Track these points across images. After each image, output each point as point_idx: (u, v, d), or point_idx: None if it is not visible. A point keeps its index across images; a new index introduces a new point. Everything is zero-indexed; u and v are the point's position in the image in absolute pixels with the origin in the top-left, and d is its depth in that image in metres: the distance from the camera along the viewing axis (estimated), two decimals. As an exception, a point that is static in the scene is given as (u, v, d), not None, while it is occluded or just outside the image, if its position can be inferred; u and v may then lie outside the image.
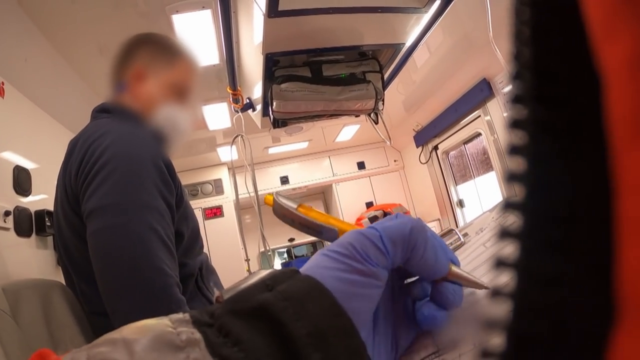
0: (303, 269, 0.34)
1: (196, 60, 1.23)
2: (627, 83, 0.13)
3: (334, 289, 0.30)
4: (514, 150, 0.16)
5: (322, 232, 0.41)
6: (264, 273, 0.32)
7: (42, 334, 0.94)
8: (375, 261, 0.32)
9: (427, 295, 0.37)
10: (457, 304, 0.36)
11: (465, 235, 0.51)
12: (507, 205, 0.17)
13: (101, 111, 1.15)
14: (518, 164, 0.16)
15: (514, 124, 0.16)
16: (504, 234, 0.16)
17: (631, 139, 0.13)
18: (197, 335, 0.26)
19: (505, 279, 0.16)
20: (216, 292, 0.31)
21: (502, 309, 0.16)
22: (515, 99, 0.16)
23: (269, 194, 0.46)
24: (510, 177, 0.16)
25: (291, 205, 0.43)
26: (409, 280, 0.38)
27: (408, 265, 0.35)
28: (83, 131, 1.09)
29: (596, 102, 0.14)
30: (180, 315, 0.28)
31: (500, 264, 0.16)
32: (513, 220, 0.16)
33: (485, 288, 0.36)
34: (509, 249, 0.16)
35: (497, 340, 0.16)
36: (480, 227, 0.50)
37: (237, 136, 1.97)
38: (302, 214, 0.42)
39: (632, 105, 0.13)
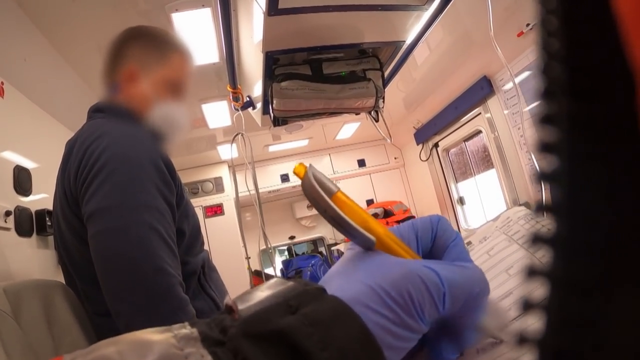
0: (338, 291, 0.30)
1: (189, 52, 1.21)
2: None
3: (375, 337, 0.28)
4: (545, 148, 0.15)
5: (355, 237, 0.34)
6: (285, 287, 0.30)
7: (44, 335, 0.93)
8: (427, 318, 0.30)
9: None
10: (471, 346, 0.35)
11: (469, 244, 0.51)
12: (542, 208, 0.16)
13: (97, 111, 1.15)
14: (550, 162, 0.15)
15: (546, 120, 0.15)
16: (537, 239, 0.15)
17: None
18: (208, 358, 0.24)
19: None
20: (227, 299, 0.29)
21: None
22: (545, 93, 0.15)
23: (301, 163, 0.36)
24: (542, 177, 0.15)
25: (326, 188, 0.35)
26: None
27: (448, 317, 0.32)
28: (80, 132, 1.08)
29: (632, 98, 0.13)
30: (187, 331, 0.26)
31: (532, 272, 0.15)
32: (546, 225, 0.15)
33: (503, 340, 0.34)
34: (540, 255, 0.15)
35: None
36: (483, 235, 0.49)
37: (237, 134, 1.96)
38: (335, 206, 0.33)
39: None
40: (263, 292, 0.29)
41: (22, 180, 1.80)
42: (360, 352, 0.26)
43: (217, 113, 3.23)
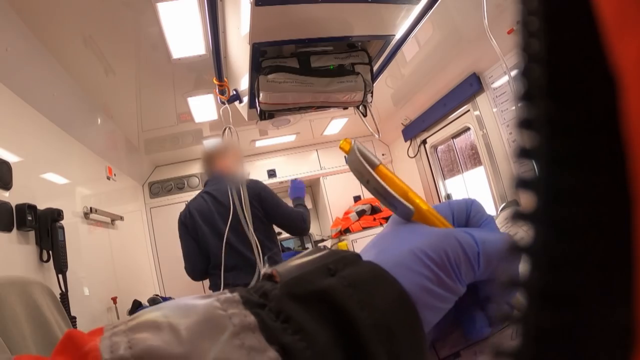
0: (378, 258, 0.31)
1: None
2: None
3: (415, 297, 0.29)
4: (524, 153, 0.15)
5: (397, 207, 0.36)
6: (322, 253, 0.31)
7: (24, 332, 0.90)
8: (464, 279, 0.31)
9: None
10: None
11: None
12: (518, 216, 0.15)
13: None
14: (529, 168, 0.15)
15: (524, 124, 0.15)
16: (515, 250, 0.15)
17: None
18: (251, 318, 0.24)
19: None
20: (266, 268, 0.30)
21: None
22: (525, 96, 0.15)
23: (347, 139, 0.39)
24: (520, 183, 0.15)
25: (370, 161, 0.37)
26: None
27: (484, 280, 0.33)
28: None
29: (614, 101, 0.13)
30: (228, 295, 0.27)
31: (512, 282, 0.15)
32: (523, 233, 0.15)
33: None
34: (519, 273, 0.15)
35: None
36: None
37: (226, 128, 1.93)
38: (379, 178, 0.36)
39: None
40: (302, 259, 0.30)
41: (2, 174, 1.75)
42: (397, 312, 0.27)
43: (203, 107, 3.20)
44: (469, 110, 3.28)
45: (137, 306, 3.18)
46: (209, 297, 0.26)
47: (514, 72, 2.56)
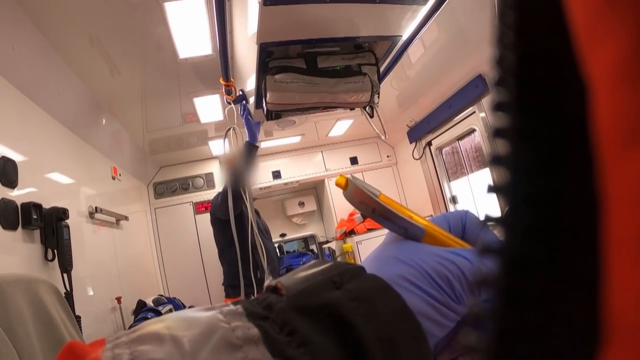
0: (381, 271, 0.32)
1: None
2: (612, 92, 0.12)
3: (418, 312, 0.29)
4: (496, 160, 0.15)
5: (407, 229, 0.37)
6: (327, 266, 0.31)
7: (29, 332, 0.90)
8: (466, 302, 0.32)
9: None
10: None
11: None
12: (489, 219, 0.16)
13: None
14: (501, 175, 0.15)
15: (496, 133, 0.15)
16: (485, 251, 0.15)
17: (618, 151, 0.12)
18: (254, 331, 0.24)
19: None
20: (270, 280, 0.30)
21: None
22: (498, 107, 0.15)
23: (342, 175, 0.41)
24: (492, 190, 0.16)
25: (373, 192, 0.39)
26: None
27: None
28: None
29: (584, 110, 0.13)
30: (231, 307, 0.27)
31: (481, 282, 0.15)
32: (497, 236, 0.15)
33: None
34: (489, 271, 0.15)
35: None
36: None
37: (229, 128, 1.93)
38: (386, 204, 0.38)
39: (617, 116, 0.12)
40: (306, 271, 0.31)
41: (7, 172, 1.76)
42: (401, 327, 0.27)
43: (209, 107, 3.20)
44: (474, 112, 3.27)
45: (141, 306, 3.18)
46: (212, 309, 0.26)
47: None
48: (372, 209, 0.38)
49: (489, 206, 3.39)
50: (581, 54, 0.13)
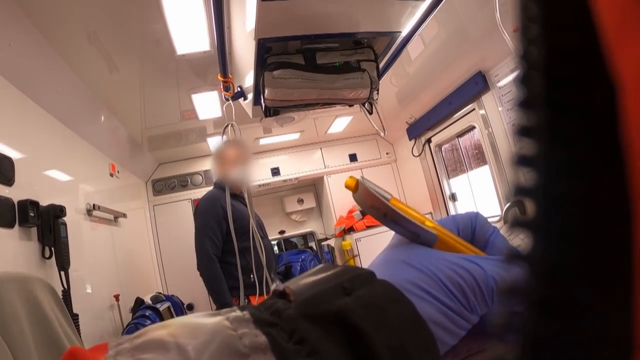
0: (392, 277, 0.31)
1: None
2: None
3: (429, 319, 0.29)
4: (523, 161, 0.15)
5: (419, 235, 0.36)
6: (336, 270, 0.30)
7: (24, 330, 0.89)
8: (478, 310, 0.32)
9: None
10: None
11: None
12: (517, 224, 0.15)
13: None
14: (527, 176, 0.15)
15: (523, 132, 0.15)
16: (513, 258, 0.15)
17: None
18: (262, 338, 0.24)
19: None
20: (277, 285, 0.30)
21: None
22: (524, 104, 0.15)
23: (352, 177, 0.39)
24: (519, 192, 0.15)
25: (384, 195, 0.37)
26: None
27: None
28: None
29: (614, 108, 0.13)
30: (238, 313, 0.26)
31: (511, 291, 0.15)
32: (522, 240, 0.15)
33: None
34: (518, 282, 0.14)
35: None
36: None
37: (228, 124, 1.92)
38: (397, 209, 0.36)
39: None
40: (315, 276, 0.30)
41: (4, 169, 1.74)
42: (413, 334, 0.27)
43: (208, 104, 3.18)
44: (474, 109, 3.26)
45: (139, 304, 3.18)
46: (218, 314, 0.26)
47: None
48: (384, 213, 0.36)
49: (487, 205, 3.38)
50: (609, 50, 0.13)
